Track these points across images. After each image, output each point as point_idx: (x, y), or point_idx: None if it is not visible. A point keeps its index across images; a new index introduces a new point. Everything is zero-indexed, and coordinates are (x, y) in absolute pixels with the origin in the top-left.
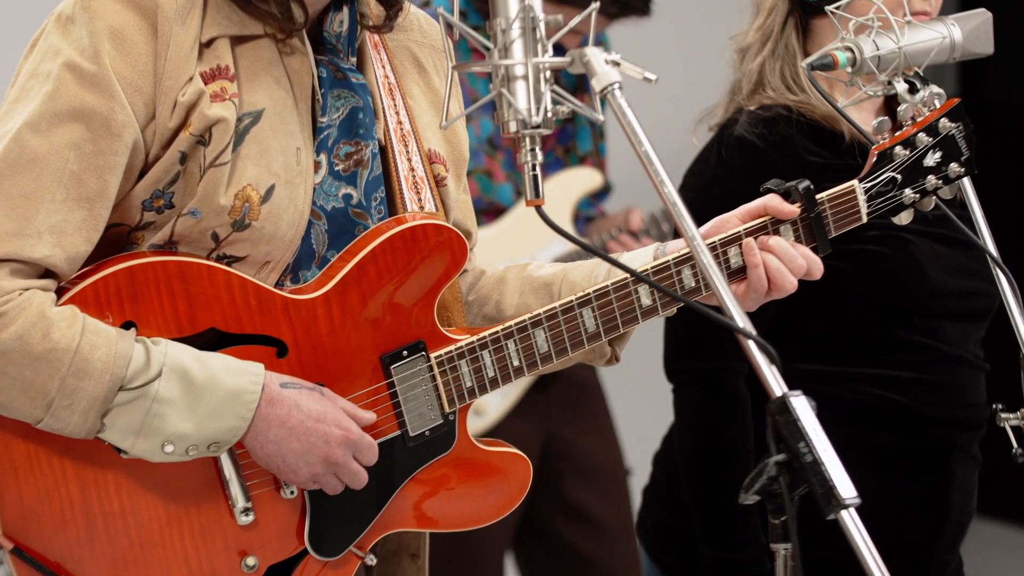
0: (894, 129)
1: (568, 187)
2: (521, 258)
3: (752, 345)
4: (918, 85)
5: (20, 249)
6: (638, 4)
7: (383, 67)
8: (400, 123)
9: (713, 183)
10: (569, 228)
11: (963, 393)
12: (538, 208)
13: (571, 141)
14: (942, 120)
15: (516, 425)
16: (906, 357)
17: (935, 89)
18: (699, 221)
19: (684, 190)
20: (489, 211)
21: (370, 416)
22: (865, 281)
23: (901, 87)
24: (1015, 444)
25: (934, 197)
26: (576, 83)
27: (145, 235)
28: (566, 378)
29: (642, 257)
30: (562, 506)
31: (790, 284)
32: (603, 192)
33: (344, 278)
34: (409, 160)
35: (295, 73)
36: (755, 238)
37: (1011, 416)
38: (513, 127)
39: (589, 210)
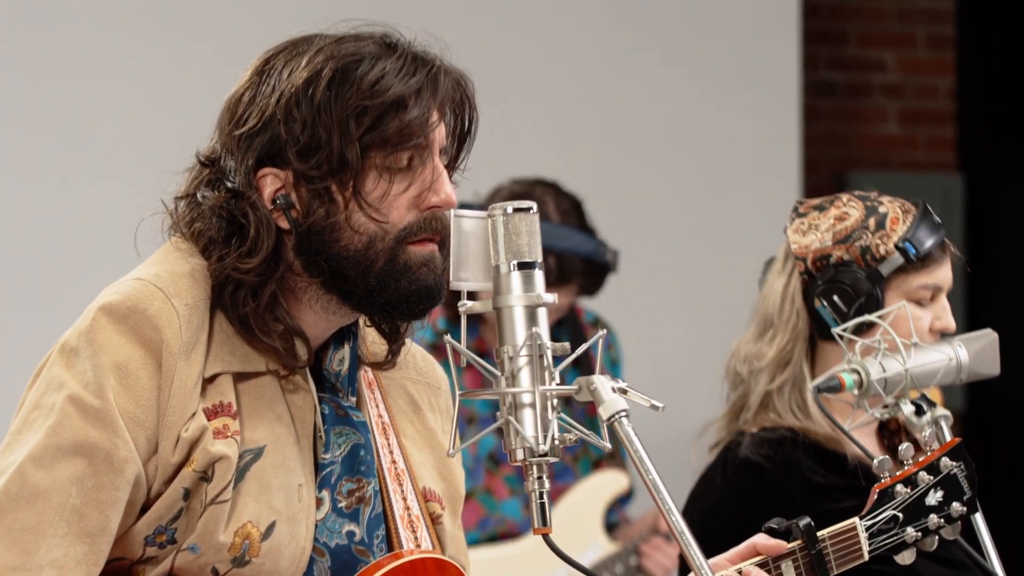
0: (895, 467)
1: (596, 493)
2: None
3: None
4: (924, 407)
5: None
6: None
7: (376, 406)
8: (394, 462)
9: (721, 504)
10: (601, 535)
11: None
12: (545, 536)
13: (580, 447)
14: (943, 459)
15: None
16: None
17: (941, 411)
18: (707, 543)
19: (688, 512)
20: (501, 529)
21: None
22: None
23: (907, 409)
24: None
25: (936, 537)
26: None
27: (146, 569)
28: None
29: None
30: None
31: None
32: (625, 497)
33: None
34: (404, 499)
35: (298, 410)
36: None
37: None
38: (520, 455)
39: (611, 516)
